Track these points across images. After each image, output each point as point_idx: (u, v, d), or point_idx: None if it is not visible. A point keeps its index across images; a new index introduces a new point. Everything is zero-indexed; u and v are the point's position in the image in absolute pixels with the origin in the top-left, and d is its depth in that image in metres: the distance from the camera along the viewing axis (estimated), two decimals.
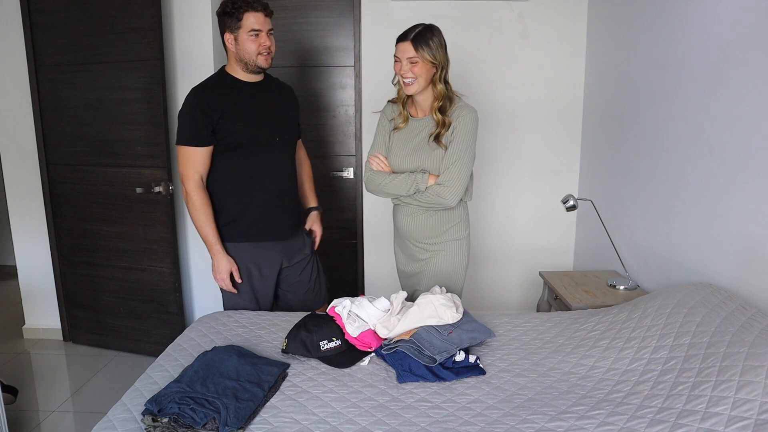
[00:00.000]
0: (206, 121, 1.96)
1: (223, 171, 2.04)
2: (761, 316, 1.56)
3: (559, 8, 3.09)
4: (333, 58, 3.24)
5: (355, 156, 3.31)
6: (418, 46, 1.89)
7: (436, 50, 1.90)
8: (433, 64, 1.91)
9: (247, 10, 1.93)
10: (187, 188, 2.00)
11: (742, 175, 1.80)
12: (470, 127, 1.96)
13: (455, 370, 1.61)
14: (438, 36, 1.93)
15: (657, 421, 1.31)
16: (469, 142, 1.96)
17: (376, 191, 2.10)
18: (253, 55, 1.98)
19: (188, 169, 1.99)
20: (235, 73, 2.05)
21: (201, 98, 1.98)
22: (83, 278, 3.17)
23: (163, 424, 1.33)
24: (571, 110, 3.19)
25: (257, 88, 2.08)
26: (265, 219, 2.11)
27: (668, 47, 2.24)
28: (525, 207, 3.31)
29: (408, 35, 1.91)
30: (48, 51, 2.98)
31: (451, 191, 1.95)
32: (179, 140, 2.00)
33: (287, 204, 2.18)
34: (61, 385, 2.83)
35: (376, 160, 2.10)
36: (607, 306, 2.13)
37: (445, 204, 1.99)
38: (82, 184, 3.04)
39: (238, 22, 1.95)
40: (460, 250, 2.14)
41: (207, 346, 1.78)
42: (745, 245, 1.80)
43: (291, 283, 2.26)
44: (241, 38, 1.96)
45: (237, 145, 2.02)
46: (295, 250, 2.23)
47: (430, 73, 1.93)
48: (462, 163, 1.95)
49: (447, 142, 1.97)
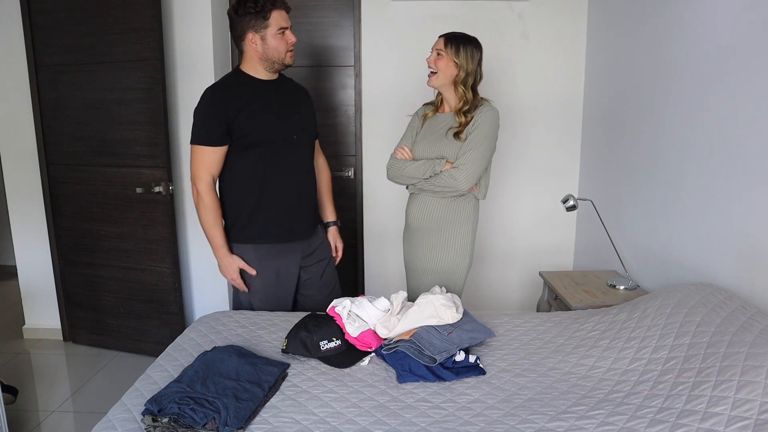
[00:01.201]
0: (221, 121, 1.93)
1: (240, 170, 2.01)
2: (761, 316, 1.56)
3: (559, 8, 3.09)
4: (333, 58, 3.24)
5: (355, 156, 3.31)
6: (448, 43, 2.09)
7: (463, 56, 2.08)
8: (456, 65, 2.09)
9: (273, 8, 1.91)
10: (198, 189, 1.97)
11: (742, 174, 1.80)
12: (490, 122, 2.10)
13: (455, 370, 1.61)
14: (473, 48, 2.11)
15: (657, 421, 1.31)
16: (487, 133, 2.09)
17: (396, 176, 2.23)
18: (283, 53, 1.97)
19: (201, 170, 1.96)
20: (252, 72, 2.02)
21: (217, 98, 1.96)
22: (83, 278, 3.17)
23: (163, 424, 1.33)
24: (571, 110, 3.19)
25: (274, 87, 2.05)
26: (283, 219, 2.07)
27: (668, 47, 2.24)
28: (525, 207, 3.32)
29: (447, 33, 2.12)
30: (48, 51, 2.98)
31: (464, 174, 2.06)
32: (193, 139, 1.97)
33: (305, 204, 2.16)
34: (61, 385, 2.83)
35: (401, 151, 2.23)
36: (607, 306, 2.13)
37: (458, 187, 2.08)
38: (82, 184, 3.05)
39: (264, 21, 1.91)
40: (465, 246, 2.21)
41: (207, 346, 1.78)
42: (745, 245, 1.80)
43: (311, 287, 2.22)
44: (269, 37, 1.93)
45: (254, 144, 1.99)
46: (314, 250, 2.20)
47: (452, 72, 2.10)
48: (478, 151, 2.06)
49: (466, 134, 2.10)
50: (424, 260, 2.24)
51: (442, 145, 2.13)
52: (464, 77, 2.10)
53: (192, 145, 1.98)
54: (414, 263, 2.29)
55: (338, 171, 3.34)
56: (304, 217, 2.15)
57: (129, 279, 3.04)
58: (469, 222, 2.21)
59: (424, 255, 2.24)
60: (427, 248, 2.23)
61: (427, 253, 2.23)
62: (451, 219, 2.18)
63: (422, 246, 2.24)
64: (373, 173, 3.28)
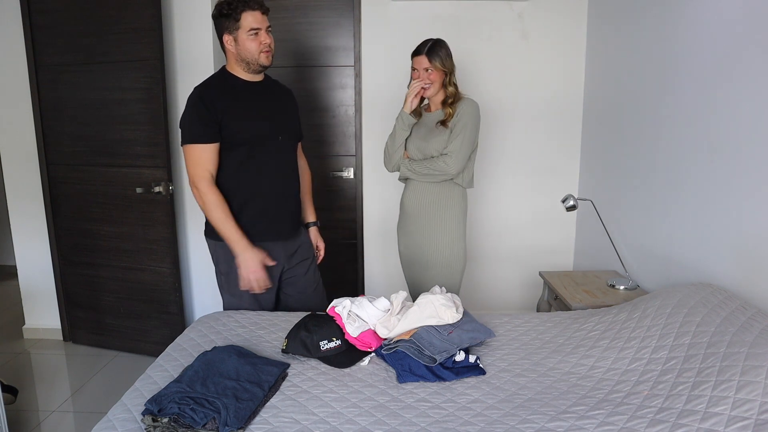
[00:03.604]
0: (211, 118, 1.94)
1: (227, 168, 2.02)
2: (761, 316, 1.56)
3: (559, 8, 3.09)
4: (333, 58, 3.24)
5: (355, 156, 3.31)
6: (431, 58, 2.26)
7: (445, 59, 2.28)
8: (444, 71, 2.29)
9: (244, 9, 1.92)
10: (199, 188, 1.96)
11: (742, 175, 1.80)
12: (471, 113, 2.30)
13: (455, 370, 1.61)
14: (445, 47, 2.30)
15: (657, 421, 1.31)
16: (469, 123, 2.28)
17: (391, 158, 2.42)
18: (255, 54, 1.98)
19: (198, 168, 1.95)
20: (236, 72, 2.04)
21: (205, 96, 1.97)
22: (83, 278, 3.17)
23: (163, 424, 1.33)
24: (571, 110, 3.19)
25: (259, 88, 2.08)
26: (266, 218, 2.09)
27: (668, 47, 2.24)
28: (525, 207, 3.31)
29: (422, 50, 2.27)
30: (48, 51, 2.98)
31: (453, 159, 2.26)
32: (185, 140, 1.96)
33: (289, 204, 2.17)
34: (61, 385, 2.83)
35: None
36: (607, 306, 2.13)
37: (448, 170, 2.27)
38: (82, 184, 3.05)
39: (236, 23, 1.93)
40: (457, 229, 2.36)
41: (207, 346, 1.78)
42: (745, 245, 1.80)
43: (295, 285, 2.24)
44: (240, 38, 1.95)
45: (241, 143, 2.00)
46: (296, 249, 2.22)
47: (441, 78, 2.30)
48: (464, 137, 2.26)
49: (452, 125, 2.29)
50: (421, 246, 2.37)
51: (432, 138, 2.31)
52: (449, 76, 2.30)
53: (185, 146, 1.97)
54: (411, 249, 2.42)
55: (338, 171, 3.34)
56: (287, 217, 2.17)
57: (129, 279, 3.04)
58: (458, 206, 2.36)
59: (420, 240, 2.37)
60: (423, 233, 2.36)
61: (422, 238, 2.36)
62: (443, 203, 2.34)
63: (417, 231, 2.38)
64: (372, 173, 3.28)
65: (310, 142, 3.26)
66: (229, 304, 2.17)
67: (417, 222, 2.38)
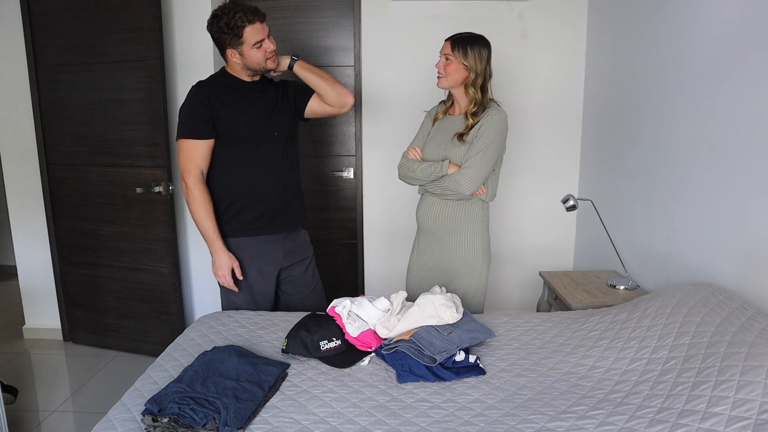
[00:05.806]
0: (207, 115, 1.98)
1: (227, 164, 2.06)
2: (761, 316, 1.56)
3: (559, 8, 3.09)
4: (333, 58, 3.24)
5: (355, 156, 3.30)
6: (455, 47, 2.05)
7: (472, 57, 2.04)
8: (466, 67, 2.06)
9: (245, 25, 1.94)
10: (187, 183, 2.01)
11: (743, 175, 1.80)
12: (496, 126, 2.06)
13: (455, 370, 1.61)
14: (481, 47, 2.06)
15: (657, 421, 1.31)
16: (492, 138, 2.05)
17: (406, 176, 2.22)
18: (262, 62, 2.03)
19: (189, 164, 2.00)
20: (236, 74, 2.08)
21: (203, 93, 2.02)
22: (83, 278, 3.17)
23: (163, 424, 1.33)
24: (570, 110, 3.19)
25: (256, 87, 2.12)
26: (269, 211, 2.12)
27: (668, 47, 2.24)
28: (525, 207, 3.31)
29: (453, 36, 2.09)
30: (48, 51, 2.98)
31: (466, 178, 2.04)
32: (180, 134, 2.02)
33: (291, 197, 2.19)
34: (61, 385, 2.83)
35: (413, 151, 2.22)
36: (607, 306, 2.13)
37: (460, 191, 2.06)
38: (82, 184, 3.05)
39: (239, 39, 1.96)
40: (475, 247, 2.18)
41: (207, 346, 1.78)
42: (745, 245, 1.80)
43: (293, 284, 2.26)
44: (246, 52, 1.99)
45: (239, 139, 2.05)
46: (295, 247, 2.23)
47: (462, 75, 2.07)
48: (483, 155, 2.04)
49: (471, 139, 2.07)
50: (433, 262, 2.24)
51: (448, 149, 2.12)
52: (474, 78, 2.07)
53: (179, 140, 2.02)
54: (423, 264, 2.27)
55: (338, 171, 3.33)
56: (285, 211, 2.18)
57: (129, 279, 3.04)
58: (477, 223, 2.18)
59: (434, 257, 2.23)
60: (436, 250, 2.22)
61: (436, 255, 2.23)
62: (458, 221, 2.16)
63: (431, 248, 2.24)
64: (372, 173, 3.28)
65: (310, 142, 3.26)
66: (227, 302, 2.18)
67: (431, 239, 2.23)
